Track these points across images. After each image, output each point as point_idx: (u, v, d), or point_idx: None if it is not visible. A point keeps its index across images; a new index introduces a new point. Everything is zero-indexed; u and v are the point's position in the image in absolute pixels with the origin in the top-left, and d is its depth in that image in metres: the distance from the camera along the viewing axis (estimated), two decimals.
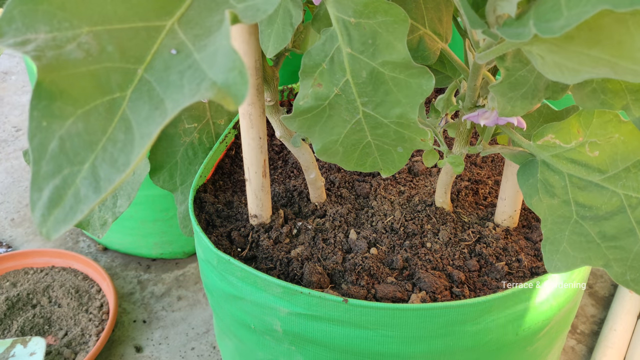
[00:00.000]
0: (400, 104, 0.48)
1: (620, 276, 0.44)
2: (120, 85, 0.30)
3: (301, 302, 0.60)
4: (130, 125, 0.29)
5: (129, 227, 1.18)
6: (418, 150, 0.66)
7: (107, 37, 0.31)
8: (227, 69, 0.28)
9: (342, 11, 0.46)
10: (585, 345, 1.03)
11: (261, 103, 0.61)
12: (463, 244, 0.67)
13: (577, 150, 0.49)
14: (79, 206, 0.28)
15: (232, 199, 0.76)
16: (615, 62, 0.36)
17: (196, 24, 0.33)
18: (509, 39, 0.36)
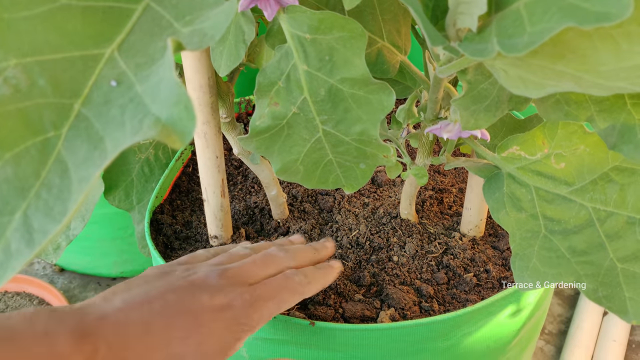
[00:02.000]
0: (361, 121, 0.47)
1: (592, 293, 0.43)
2: (55, 123, 0.28)
3: (266, 327, 0.57)
4: (66, 168, 0.27)
5: (86, 246, 1.13)
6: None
7: (39, 69, 0.28)
8: (172, 104, 0.26)
9: (296, 27, 0.43)
10: (554, 345, 1.03)
11: (216, 121, 0.58)
12: (430, 256, 0.66)
13: (542, 162, 0.48)
14: (9, 262, 0.25)
15: (191, 219, 0.74)
16: (579, 76, 0.35)
17: (138, 51, 0.31)
18: (472, 56, 0.34)
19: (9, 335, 0.37)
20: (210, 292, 0.47)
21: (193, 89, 0.55)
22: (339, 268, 0.57)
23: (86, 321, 0.41)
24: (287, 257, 0.54)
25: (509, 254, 0.67)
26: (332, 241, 0.62)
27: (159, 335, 0.43)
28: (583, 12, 0.27)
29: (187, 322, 0.44)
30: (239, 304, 0.47)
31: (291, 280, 0.51)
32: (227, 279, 0.49)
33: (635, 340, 1.03)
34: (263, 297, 0.48)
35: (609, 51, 0.31)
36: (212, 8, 0.31)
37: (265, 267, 0.52)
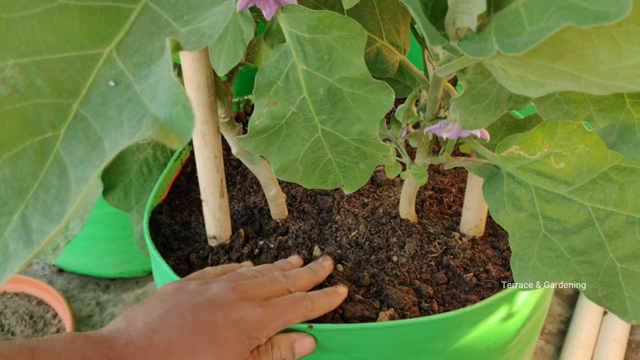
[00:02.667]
0: (360, 121, 0.46)
1: (592, 292, 0.43)
2: (53, 124, 0.27)
3: None
4: (64, 169, 0.27)
5: (84, 247, 1.13)
6: None
7: (36, 69, 0.28)
8: (170, 103, 0.26)
9: (295, 26, 0.43)
10: (554, 345, 1.03)
11: (215, 121, 0.58)
12: (430, 256, 0.66)
13: (542, 162, 0.48)
14: (8, 263, 0.25)
15: (190, 219, 0.73)
16: (578, 76, 0.35)
17: (136, 50, 0.31)
18: (471, 56, 0.34)
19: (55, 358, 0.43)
20: (225, 308, 0.51)
21: (191, 88, 0.55)
22: (344, 294, 0.60)
23: (115, 348, 0.46)
24: (289, 283, 0.58)
25: (509, 253, 0.66)
26: (329, 259, 0.64)
27: (179, 353, 0.48)
28: (582, 11, 0.27)
29: (205, 338, 0.49)
30: (250, 319, 0.51)
31: (299, 304, 0.55)
32: (239, 294, 0.53)
33: (635, 339, 1.03)
34: (272, 315, 0.53)
35: (608, 50, 0.31)
36: (210, 7, 0.31)
37: (271, 288, 0.56)
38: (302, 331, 0.55)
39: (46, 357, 0.43)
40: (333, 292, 0.59)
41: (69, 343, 0.45)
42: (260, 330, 0.51)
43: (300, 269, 0.62)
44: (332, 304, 0.58)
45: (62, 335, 0.46)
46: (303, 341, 0.54)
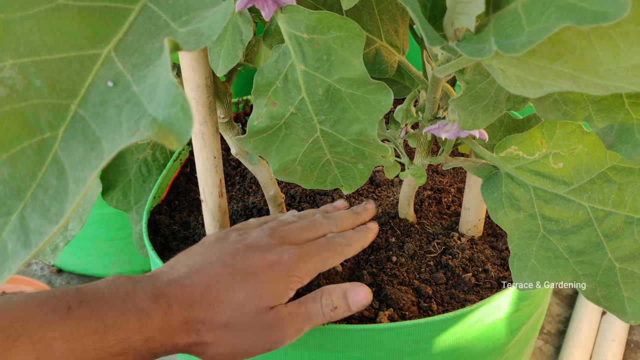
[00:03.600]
0: (359, 121, 0.46)
1: (591, 293, 0.43)
2: (51, 124, 0.27)
3: None
4: (63, 169, 0.26)
5: (84, 247, 1.13)
6: None
7: (35, 70, 0.28)
8: (169, 104, 0.26)
9: (294, 27, 0.43)
10: (553, 345, 1.03)
11: (214, 121, 0.58)
12: (429, 256, 0.66)
13: (541, 162, 0.48)
14: (6, 264, 0.25)
15: (189, 219, 0.73)
16: (577, 76, 0.35)
17: (135, 51, 0.31)
18: (470, 56, 0.34)
19: (101, 296, 0.45)
20: (261, 251, 0.53)
21: (190, 89, 0.55)
22: (375, 229, 0.62)
23: (158, 285, 0.49)
24: (330, 223, 0.60)
25: (508, 254, 0.66)
26: (372, 203, 0.66)
27: (219, 291, 0.50)
28: (581, 11, 0.27)
29: (243, 276, 0.51)
30: (287, 259, 0.52)
31: (332, 242, 0.56)
32: (275, 239, 0.55)
33: (633, 339, 1.03)
34: (308, 254, 0.54)
35: (606, 51, 0.31)
36: (209, 8, 0.31)
37: (310, 232, 0.57)
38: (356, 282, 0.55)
39: (91, 294, 0.45)
40: (364, 229, 0.61)
41: (111, 282, 0.47)
42: (298, 268, 0.52)
43: (342, 211, 0.64)
44: (365, 240, 0.60)
45: (104, 279, 0.48)
46: (357, 290, 0.53)
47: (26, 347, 0.41)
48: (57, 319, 0.43)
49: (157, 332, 0.46)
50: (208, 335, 0.48)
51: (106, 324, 0.44)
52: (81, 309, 0.44)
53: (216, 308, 0.49)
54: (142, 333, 0.45)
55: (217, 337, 0.49)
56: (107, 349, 0.44)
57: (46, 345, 0.41)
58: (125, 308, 0.45)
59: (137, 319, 0.45)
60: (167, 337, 0.47)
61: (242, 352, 0.50)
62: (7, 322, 0.41)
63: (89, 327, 0.43)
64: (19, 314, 0.42)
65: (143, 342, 0.45)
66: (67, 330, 0.43)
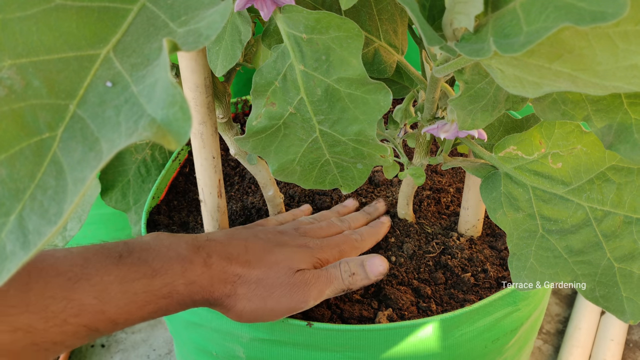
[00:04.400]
0: (358, 121, 0.46)
1: (590, 292, 0.43)
2: (50, 124, 0.27)
3: (264, 328, 0.57)
4: (62, 170, 0.26)
5: None
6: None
7: (33, 70, 0.28)
8: (167, 104, 0.26)
9: (293, 27, 0.43)
10: (552, 344, 1.03)
11: (213, 121, 0.58)
12: (428, 256, 0.66)
13: (540, 162, 0.48)
14: (5, 264, 0.25)
15: (188, 220, 0.73)
16: (576, 76, 0.35)
17: (133, 51, 0.31)
18: (468, 56, 0.34)
19: (147, 247, 0.50)
20: (290, 236, 0.60)
21: (189, 89, 0.55)
22: (388, 222, 0.68)
23: (198, 239, 0.54)
24: (344, 225, 0.66)
25: (507, 253, 0.67)
26: (382, 202, 0.72)
27: (255, 252, 0.55)
28: (579, 11, 0.27)
29: (277, 245, 0.57)
30: (312, 245, 0.59)
31: (349, 238, 0.63)
32: (300, 232, 0.62)
33: (632, 339, 1.03)
34: (329, 245, 0.60)
35: (605, 50, 0.31)
36: (207, 8, 0.31)
37: (328, 231, 0.64)
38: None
39: (138, 245, 0.50)
40: (377, 223, 0.68)
41: (155, 236, 0.53)
42: (321, 252, 0.59)
43: (355, 213, 0.70)
44: (379, 234, 0.66)
45: (149, 234, 0.53)
46: (373, 259, 0.58)
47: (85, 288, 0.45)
48: (112, 264, 0.47)
49: (199, 277, 0.50)
50: (242, 287, 0.53)
51: (153, 269, 0.49)
52: (131, 256, 0.49)
53: (251, 265, 0.54)
54: (185, 277, 0.50)
55: (250, 290, 0.53)
56: (154, 291, 0.48)
57: (103, 287, 0.46)
58: (170, 255, 0.50)
59: (180, 265, 0.50)
60: (207, 283, 0.51)
61: (269, 309, 0.53)
62: (67, 266, 0.45)
63: (138, 272, 0.48)
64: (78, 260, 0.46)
65: (185, 287, 0.50)
66: (121, 274, 0.47)
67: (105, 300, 0.46)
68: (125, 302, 0.47)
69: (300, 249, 0.58)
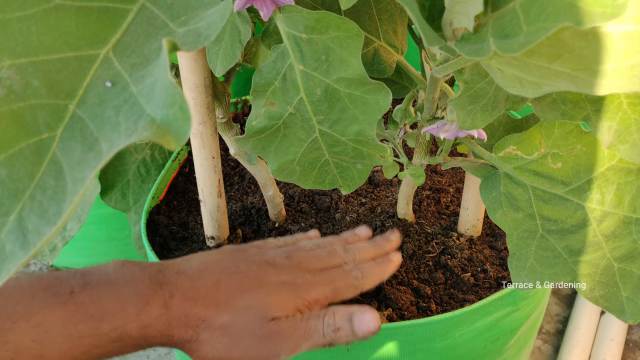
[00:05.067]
0: (358, 121, 0.46)
1: (589, 292, 0.43)
2: (49, 124, 0.27)
3: None
4: (61, 169, 0.26)
5: (82, 247, 1.13)
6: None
7: (33, 70, 0.28)
8: (167, 104, 0.26)
9: (292, 27, 0.43)
10: (551, 344, 1.03)
11: (213, 121, 0.58)
12: (428, 256, 0.66)
13: (539, 162, 0.48)
14: (4, 265, 0.25)
15: (188, 220, 0.73)
16: (575, 76, 0.35)
17: (133, 51, 0.30)
18: (468, 56, 0.34)
19: (105, 280, 0.46)
20: (277, 268, 0.53)
21: (189, 89, 0.55)
22: (397, 260, 0.58)
23: (165, 273, 0.49)
24: (349, 256, 0.57)
25: (506, 253, 0.67)
26: (397, 233, 0.62)
27: (228, 291, 0.49)
28: (579, 11, 0.27)
29: (254, 284, 0.51)
30: (300, 282, 0.52)
31: (348, 274, 0.54)
32: (292, 262, 0.54)
33: (632, 339, 1.03)
34: (321, 282, 0.53)
35: (605, 50, 0.31)
36: (207, 8, 0.31)
37: (327, 261, 0.56)
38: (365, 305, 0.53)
39: (96, 277, 0.46)
40: (385, 261, 0.58)
41: (120, 266, 0.48)
42: (309, 292, 0.51)
43: (363, 242, 0.60)
44: (384, 273, 0.57)
45: (114, 261, 0.49)
46: (364, 314, 0.50)
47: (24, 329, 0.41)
48: (58, 303, 0.43)
49: (155, 320, 0.46)
50: (205, 333, 0.48)
51: (103, 310, 0.44)
52: (83, 293, 0.44)
53: (219, 307, 0.48)
54: (139, 320, 0.45)
55: (214, 337, 0.48)
56: (101, 335, 0.44)
57: (44, 329, 0.42)
58: (126, 293, 0.46)
59: (135, 306, 0.45)
60: (164, 327, 0.46)
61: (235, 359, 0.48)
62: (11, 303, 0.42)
63: (86, 313, 0.44)
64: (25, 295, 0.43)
65: (138, 330, 0.45)
66: (66, 315, 0.43)
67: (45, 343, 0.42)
68: (68, 347, 0.43)
69: (283, 288, 0.51)
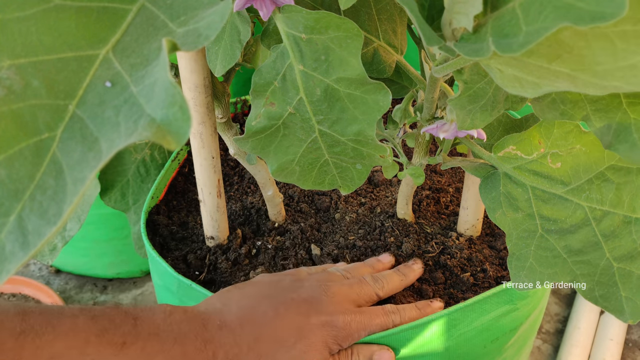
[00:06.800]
0: (357, 121, 0.46)
1: (589, 292, 0.43)
2: (49, 125, 0.27)
3: None
4: (61, 170, 0.26)
5: (82, 247, 1.13)
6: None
7: (32, 70, 0.28)
8: (167, 104, 0.26)
9: (292, 27, 0.43)
10: (551, 344, 1.03)
11: (212, 121, 0.58)
12: (427, 256, 0.66)
13: (539, 162, 0.48)
14: (4, 265, 0.25)
15: (187, 220, 0.73)
16: (575, 76, 0.35)
17: (133, 51, 0.30)
18: (467, 56, 0.34)
19: (155, 332, 0.46)
20: (317, 309, 0.53)
21: (189, 89, 0.55)
22: (439, 308, 0.59)
23: (209, 328, 0.49)
24: (377, 286, 0.59)
25: (506, 253, 0.67)
26: (419, 263, 0.64)
27: (268, 345, 0.50)
28: (578, 11, 0.27)
29: (293, 333, 0.51)
30: (340, 325, 0.53)
31: (388, 317, 0.55)
32: (330, 297, 0.55)
33: (632, 339, 1.03)
34: (360, 323, 0.54)
35: (604, 50, 0.31)
36: (207, 8, 0.31)
37: (360, 291, 0.57)
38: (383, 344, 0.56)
39: (147, 328, 0.46)
40: (425, 306, 0.59)
41: (168, 316, 0.47)
42: (346, 338, 0.53)
43: (389, 271, 0.62)
44: (419, 316, 0.57)
45: (162, 307, 0.48)
46: (382, 353, 0.54)
47: None
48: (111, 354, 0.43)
49: None
50: None
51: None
52: (135, 345, 0.44)
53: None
54: None
55: None
56: None
57: None
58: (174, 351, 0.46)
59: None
60: None
61: None
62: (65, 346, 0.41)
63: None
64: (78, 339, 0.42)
65: None
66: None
67: None
68: None
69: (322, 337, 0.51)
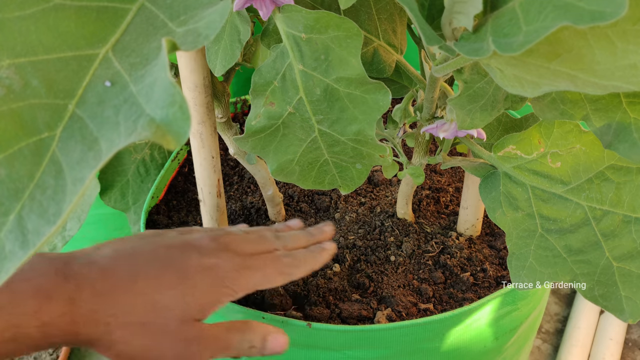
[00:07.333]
0: (357, 121, 0.46)
1: (589, 292, 0.43)
2: (49, 124, 0.27)
3: None
4: (61, 169, 0.26)
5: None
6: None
7: (32, 70, 0.28)
8: (166, 104, 0.26)
9: (292, 26, 0.43)
10: (551, 344, 1.03)
11: (212, 121, 0.58)
12: (427, 255, 0.66)
13: (539, 162, 0.48)
14: (3, 264, 0.25)
15: (187, 219, 0.73)
16: (575, 75, 0.35)
17: (132, 51, 0.30)
18: (467, 56, 0.34)
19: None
20: (200, 252, 0.48)
21: (188, 88, 0.55)
22: (331, 249, 0.55)
23: (73, 264, 0.43)
24: (278, 243, 0.54)
25: (506, 253, 0.67)
26: (331, 225, 0.60)
27: (145, 284, 0.45)
28: (578, 11, 0.27)
29: (174, 275, 0.46)
30: (226, 267, 0.48)
31: (279, 260, 0.51)
32: (218, 244, 0.50)
33: (631, 338, 1.03)
34: (250, 267, 0.49)
35: (604, 50, 0.31)
36: (206, 7, 0.31)
37: (257, 245, 0.52)
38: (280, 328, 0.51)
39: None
40: (318, 249, 0.55)
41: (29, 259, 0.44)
42: (236, 279, 0.48)
43: (296, 231, 0.58)
44: (317, 261, 0.54)
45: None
46: (277, 337, 0.49)
47: None
48: None
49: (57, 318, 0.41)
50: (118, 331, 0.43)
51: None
52: None
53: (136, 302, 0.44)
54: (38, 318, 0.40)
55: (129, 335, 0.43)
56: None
57: None
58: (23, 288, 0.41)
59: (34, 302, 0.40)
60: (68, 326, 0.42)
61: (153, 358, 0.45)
62: None
63: None
64: None
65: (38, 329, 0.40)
66: None
67: None
68: None
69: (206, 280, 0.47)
